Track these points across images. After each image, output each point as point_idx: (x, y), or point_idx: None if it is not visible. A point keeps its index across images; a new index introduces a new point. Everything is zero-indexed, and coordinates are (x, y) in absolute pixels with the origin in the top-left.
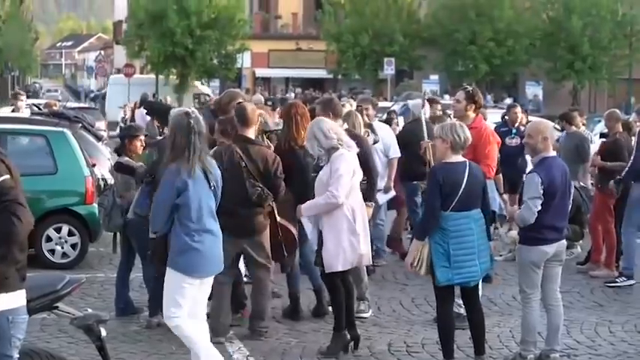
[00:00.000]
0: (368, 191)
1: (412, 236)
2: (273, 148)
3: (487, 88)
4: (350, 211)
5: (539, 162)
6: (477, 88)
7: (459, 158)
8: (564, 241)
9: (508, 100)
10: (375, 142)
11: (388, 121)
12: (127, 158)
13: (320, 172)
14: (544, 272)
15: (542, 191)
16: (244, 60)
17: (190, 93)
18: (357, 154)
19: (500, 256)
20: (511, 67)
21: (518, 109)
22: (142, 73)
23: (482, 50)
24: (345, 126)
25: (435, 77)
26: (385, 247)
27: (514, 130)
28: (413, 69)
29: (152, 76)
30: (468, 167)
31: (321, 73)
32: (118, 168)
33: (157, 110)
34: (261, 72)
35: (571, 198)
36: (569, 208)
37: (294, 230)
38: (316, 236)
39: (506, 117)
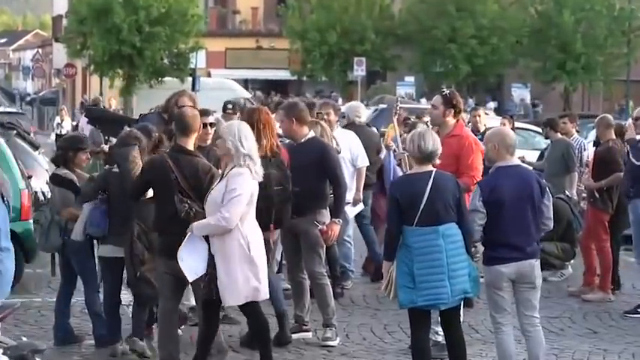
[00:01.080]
0: (335, 205)
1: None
2: None
3: (469, 91)
4: (244, 238)
5: (492, 172)
6: (455, 91)
7: (424, 168)
8: (532, 261)
9: (492, 105)
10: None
11: None
12: (65, 171)
13: (213, 189)
14: (515, 296)
15: (480, 203)
16: (198, 60)
17: (155, 98)
18: (324, 164)
19: (482, 277)
20: (495, 68)
21: (480, 112)
22: (84, 73)
23: (463, 49)
24: (312, 134)
25: (410, 79)
26: (352, 267)
27: (478, 136)
28: (386, 70)
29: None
30: (432, 177)
31: (283, 75)
32: (57, 181)
33: (100, 118)
34: (218, 73)
35: (547, 212)
36: (544, 223)
37: None
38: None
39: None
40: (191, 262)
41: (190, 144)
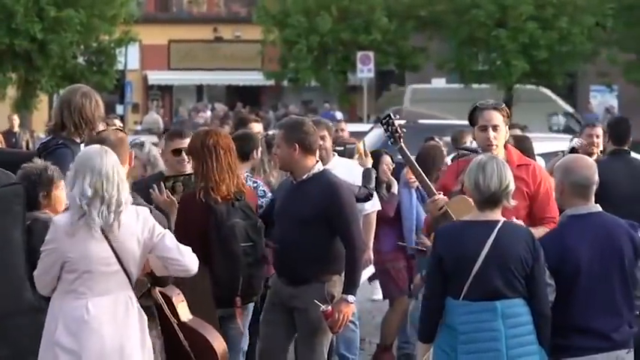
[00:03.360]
0: (346, 276)
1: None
2: (176, 203)
3: None
4: (54, 319)
5: (561, 223)
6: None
7: (487, 216)
8: (621, 353)
9: (560, 119)
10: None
11: None
12: None
13: None
14: None
15: (547, 272)
16: (129, 57)
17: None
18: (333, 215)
19: None
20: (566, 64)
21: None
22: None
23: (518, 36)
24: (320, 167)
25: (439, 82)
26: (358, 358)
27: None
28: (404, 69)
29: None
30: (496, 231)
31: (254, 78)
32: None
33: None
34: (158, 77)
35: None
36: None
37: (212, 337)
38: None
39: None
40: None
41: None
